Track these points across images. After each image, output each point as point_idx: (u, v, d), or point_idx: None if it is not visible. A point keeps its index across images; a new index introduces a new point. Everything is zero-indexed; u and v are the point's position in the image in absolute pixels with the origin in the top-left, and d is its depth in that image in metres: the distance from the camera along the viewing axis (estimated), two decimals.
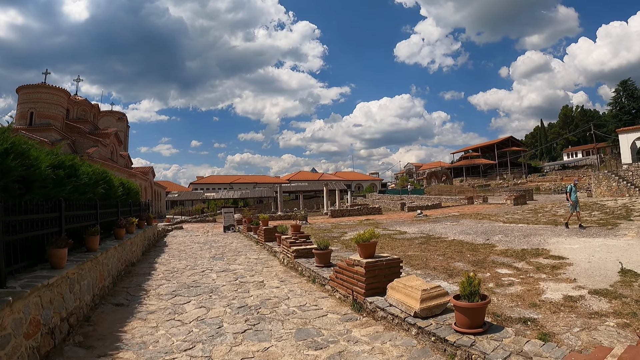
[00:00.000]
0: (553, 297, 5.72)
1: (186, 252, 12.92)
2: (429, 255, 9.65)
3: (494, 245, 10.72)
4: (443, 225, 17.18)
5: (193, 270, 9.42)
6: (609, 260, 8.16)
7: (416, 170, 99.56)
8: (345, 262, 6.02)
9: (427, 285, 4.68)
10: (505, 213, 21.99)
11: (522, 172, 76.20)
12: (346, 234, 15.61)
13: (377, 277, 5.46)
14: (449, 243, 11.64)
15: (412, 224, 19.22)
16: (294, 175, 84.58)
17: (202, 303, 6.40)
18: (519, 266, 7.97)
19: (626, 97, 61.37)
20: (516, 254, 9.32)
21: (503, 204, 29.68)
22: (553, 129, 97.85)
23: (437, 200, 36.30)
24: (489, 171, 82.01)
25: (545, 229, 14.01)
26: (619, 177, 27.67)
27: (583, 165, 70.95)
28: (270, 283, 7.82)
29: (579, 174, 61.43)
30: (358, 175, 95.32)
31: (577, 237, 11.57)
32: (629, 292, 5.79)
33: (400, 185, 76.08)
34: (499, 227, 15.14)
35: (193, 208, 54.23)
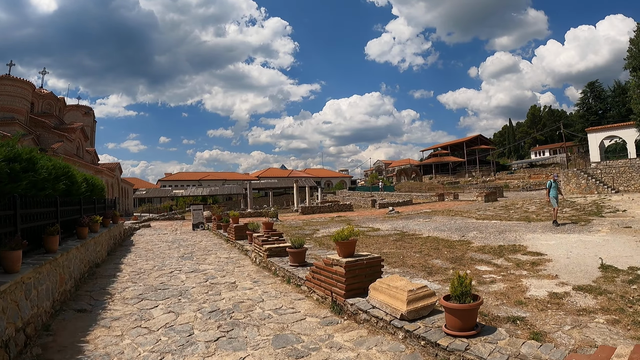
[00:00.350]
0: (538, 294, 5.66)
1: (154, 251, 12.65)
2: (406, 253, 9.54)
3: (470, 242, 10.77)
4: (416, 222, 17.22)
5: (161, 271, 9.02)
6: (588, 256, 8.28)
7: (385, 168, 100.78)
8: (323, 261, 5.75)
9: (412, 285, 4.44)
10: (477, 210, 22.34)
11: (490, 170, 78.58)
12: (318, 232, 15.51)
13: (358, 277, 5.21)
14: (424, 240, 11.62)
15: (385, 220, 19.26)
16: (263, 172, 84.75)
17: (171, 307, 6.00)
18: (498, 263, 7.95)
19: (593, 99, 64.69)
20: (494, 250, 9.36)
21: (474, 200, 30.24)
22: (521, 128, 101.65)
23: (407, 197, 36.62)
24: (457, 169, 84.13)
25: (519, 225, 14.21)
26: (587, 175, 28.73)
27: (550, 163, 73.79)
28: (242, 284, 7.48)
29: (547, 172, 63.87)
30: (327, 172, 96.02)
31: (552, 234, 11.76)
32: (613, 288, 5.81)
33: (370, 182, 76.94)
34: (472, 224, 15.27)
35: (161, 205, 53.44)
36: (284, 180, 67.16)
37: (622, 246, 9.21)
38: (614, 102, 60.01)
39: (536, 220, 15.28)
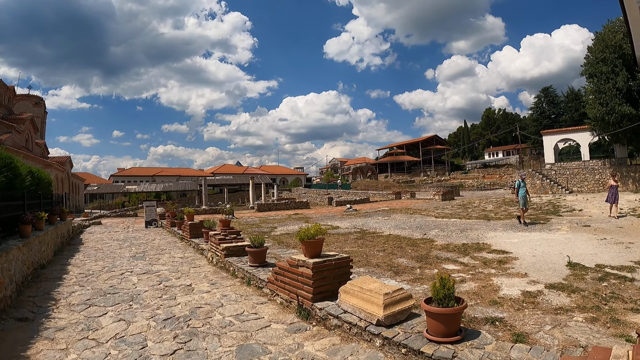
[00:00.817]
0: (511, 293, 5.58)
1: (104, 250, 11.96)
2: (369, 251, 9.35)
3: (433, 240, 10.76)
4: (375, 220, 17.21)
5: (111, 273, 8.39)
6: (553, 254, 8.42)
7: (341, 166, 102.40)
8: (287, 262, 5.38)
9: (387, 287, 4.15)
10: (435, 208, 22.71)
11: (445, 170, 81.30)
12: (276, 229, 15.24)
13: (326, 279, 4.90)
14: (386, 238, 11.51)
15: (343, 218, 19.19)
16: (219, 169, 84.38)
17: (122, 315, 5.44)
18: (465, 261, 7.91)
19: (547, 103, 69.51)
20: (458, 248, 9.34)
21: (431, 199, 30.82)
22: (476, 129, 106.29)
23: (364, 195, 36.84)
24: (412, 168, 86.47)
25: (479, 223, 14.43)
26: (542, 176, 30.16)
27: (504, 164, 77.10)
28: (199, 287, 6.96)
29: (500, 172, 66.57)
30: (283, 170, 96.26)
31: (513, 232, 11.98)
32: (585, 286, 5.87)
33: (326, 180, 77.78)
34: (432, 222, 15.39)
35: (113, 202, 51.89)
36: (240, 176, 67.19)
37: (584, 244, 9.49)
38: (566, 107, 64.57)
39: (495, 219, 15.61)
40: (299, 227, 15.11)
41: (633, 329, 4.14)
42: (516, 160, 74.25)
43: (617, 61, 25.62)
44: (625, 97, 25.23)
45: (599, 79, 26.23)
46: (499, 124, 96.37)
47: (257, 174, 56.06)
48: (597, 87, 26.27)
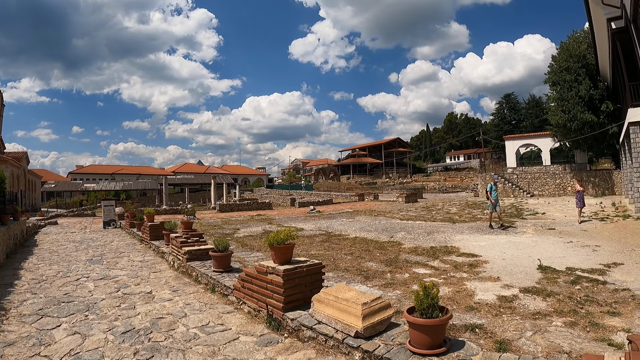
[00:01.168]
0: (487, 298, 5.52)
1: (59, 253, 11.31)
2: (336, 255, 9.16)
3: (401, 243, 10.72)
4: (340, 222, 17.11)
5: (66, 279, 7.78)
6: (522, 257, 8.53)
7: (303, 167, 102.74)
8: (255, 268, 5.04)
9: (365, 297, 3.91)
10: (399, 210, 22.88)
11: (407, 172, 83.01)
12: (239, 231, 14.96)
13: (298, 287, 4.62)
14: (352, 241, 11.39)
15: (307, 220, 19.06)
16: (180, 168, 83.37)
17: (77, 327, 4.93)
18: (435, 265, 7.85)
19: (508, 109, 73.29)
20: (426, 251, 9.31)
21: (394, 201, 31.11)
22: (438, 133, 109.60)
23: (327, 197, 36.83)
24: (375, 170, 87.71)
25: (445, 226, 14.55)
26: (505, 180, 30.90)
27: (465, 167, 79.32)
28: (160, 294, 6.48)
29: (461, 176, 68.34)
30: (245, 170, 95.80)
31: (480, 235, 12.13)
32: (559, 289, 5.90)
33: (288, 180, 78.04)
34: (398, 224, 15.42)
35: (71, 200, 49.91)
36: (201, 176, 66.80)
37: (552, 247, 9.70)
38: (527, 113, 68.10)
39: (460, 222, 15.81)
40: (263, 229, 15.22)
41: (613, 332, 4.17)
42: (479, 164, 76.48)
43: (581, 70, 26.81)
44: (587, 105, 26.43)
45: (562, 87, 27.39)
46: (461, 129, 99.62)
47: (219, 174, 55.29)
48: (560, 94, 27.42)
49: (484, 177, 32.48)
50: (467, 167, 79.38)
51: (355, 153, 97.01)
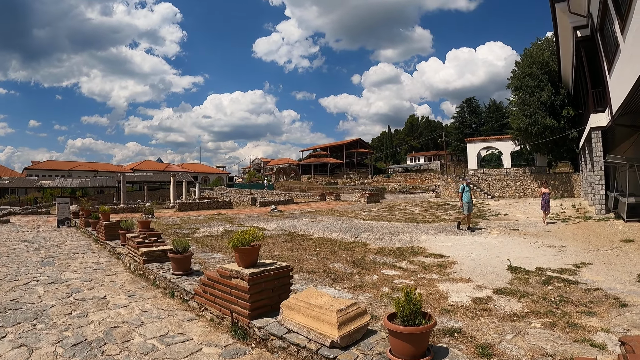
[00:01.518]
0: (461, 300, 5.43)
1: (8, 254, 10.60)
2: (301, 256, 8.91)
3: (366, 244, 10.59)
4: (302, 222, 16.89)
5: (14, 282, 7.11)
6: (491, 258, 8.57)
7: (264, 166, 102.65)
8: (218, 272, 4.65)
9: (339, 302, 3.65)
10: (361, 210, 22.87)
11: (368, 173, 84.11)
12: (199, 231, 14.52)
13: (265, 292, 4.28)
14: (316, 241, 11.17)
15: (269, 219, 18.76)
16: (139, 165, 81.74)
17: (23, 338, 4.40)
18: (404, 266, 7.74)
19: (469, 113, 75.87)
20: (393, 252, 9.22)
21: (356, 201, 31.17)
22: (399, 135, 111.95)
23: (289, 196, 36.54)
24: (336, 170, 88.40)
25: (409, 226, 14.59)
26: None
27: (425, 169, 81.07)
28: (115, 300, 5.95)
29: (422, 177, 69.60)
30: (205, 168, 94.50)
31: (446, 235, 12.19)
32: (531, 290, 5.91)
33: (249, 179, 77.73)
34: (362, 224, 15.35)
35: (26, 197, 47.73)
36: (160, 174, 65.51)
37: (518, 247, 9.84)
38: (487, 117, 70.74)
39: (424, 222, 15.90)
40: (224, 229, 14.84)
41: (592, 332, 4.18)
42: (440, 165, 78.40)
43: (543, 77, 27.98)
44: (548, 110, 27.61)
45: (525, 92, 28.53)
46: (422, 131, 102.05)
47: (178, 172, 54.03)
48: (523, 99, 28.58)
49: (445, 179, 33.19)
50: (428, 169, 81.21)
51: (317, 153, 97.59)
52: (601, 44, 13.98)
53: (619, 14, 10.52)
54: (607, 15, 12.20)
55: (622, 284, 6.27)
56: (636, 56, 9.29)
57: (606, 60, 13.79)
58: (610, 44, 12.88)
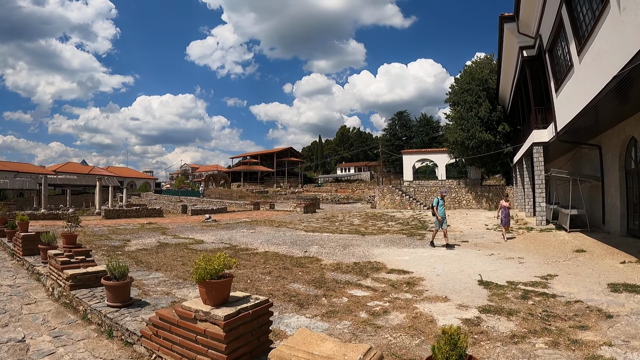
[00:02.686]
0: (450, 322, 5.03)
1: None
2: (252, 274, 8.15)
3: (319, 259, 10.04)
4: (241, 233, 16.10)
5: None
6: (455, 272, 8.48)
7: (192, 172, 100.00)
8: (177, 312, 3.57)
9: (351, 349, 2.77)
10: (299, 220, 22.42)
11: (298, 182, 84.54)
12: (130, 243, 13.13)
13: (243, 338, 3.33)
14: (264, 256, 10.48)
15: (204, 230, 17.77)
16: (62, 167, 75.47)
17: None
18: (370, 285, 7.27)
19: (400, 126, 79.08)
20: (352, 269, 8.75)
21: (292, 211, 30.73)
22: (329, 145, 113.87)
23: (221, 204, 35.42)
24: (265, 178, 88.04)
25: (356, 238, 14.31)
26: (402, 192, 32.28)
27: (355, 179, 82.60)
28: (38, 343, 4.54)
29: (352, 187, 70.54)
30: (131, 172, 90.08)
31: (397, 248, 12.08)
32: (515, 306, 5.76)
33: (177, 186, 75.27)
34: (305, 237, 14.87)
35: None
36: (85, 177, 61.60)
37: (477, 260, 9.89)
38: (418, 131, 73.60)
39: (369, 234, 15.71)
40: (157, 241, 13.61)
41: (596, 347, 4.17)
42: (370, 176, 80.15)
43: (482, 93, 29.37)
44: (485, 125, 29.01)
45: (463, 107, 29.84)
46: (353, 142, 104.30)
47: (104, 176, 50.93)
48: (461, 114, 29.84)
49: (381, 190, 33.54)
50: (358, 179, 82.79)
51: (247, 160, 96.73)
52: (549, 64, 14.62)
53: (577, 36, 10.93)
54: (561, 36, 12.73)
55: (597, 295, 6.36)
56: (592, 76, 9.63)
57: (554, 80, 14.47)
58: (560, 65, 13.51)
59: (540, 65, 16.45)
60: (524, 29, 16.53)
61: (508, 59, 20.90)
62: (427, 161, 39.88)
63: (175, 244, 12.76)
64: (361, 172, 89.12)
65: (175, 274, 8.14)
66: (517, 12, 15.94)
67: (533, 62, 17.06)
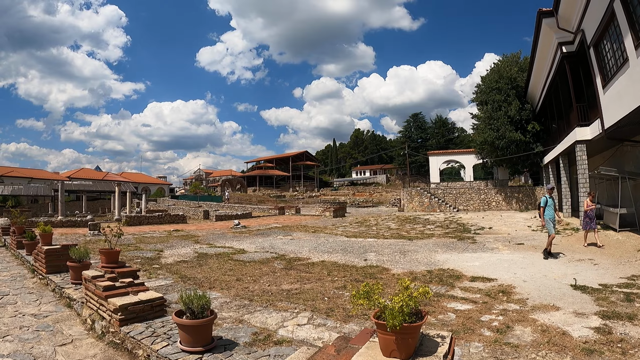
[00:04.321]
0: (586, 334, 4.88)
1: None
2: (323, 289, 7.49)
3: (387, 268, 9.49)
4: (280, 240, 15.64)
5: None
6: (538, 277, 8.23)
7: (206, 177, 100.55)
8: None
9: None
10: (333, 226, 22.13)
11: (314, 186, 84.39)
12: (163, 254, 12.13)
13: None
14: (322, 266, 9.83)
15: (238, 237, 17.05)
16: (76, 173, 76.11)
17: None
18: (463, 296, 6.86)
19: (415, 128, 79.24)
20: (430, 278, 8.33)
21: (320, 215, 30.49)
22: (343, 148, 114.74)
23: (243, 209, 35.30)
24: (281, 182, 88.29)
25: (406, 244, 14.02)
26: (431, 195, 31.92)
27: (372, 183, 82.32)
28: None
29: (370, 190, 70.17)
30: (145, 178, 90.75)
31: (458, 253, 11.83)
32: (629, 310, 5.67)
33: (193, 190, 75.49)
34: (352, 243, 14.44)
35: None
36: (100, 183, 62.24)
37: (549, 263, 9.74)
38: (433, 132, 72.82)
39: (416, 238, 15.49)
40: (194, 251, 12.76)
41: None
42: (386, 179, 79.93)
43: (511, 91, 29.05)
44: (515, 124, 28.65)
45: (492, 106, 29.48)
46: (367, 145, 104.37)
47: (122, 181, 51.08)
48: (490, 114, 29.48)
49: (409, 192, 33.29)
50: (374, 182, 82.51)
51: (262, 165, 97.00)
52: (595, 59, 14.31)
53: (634, 30, 10.66)
54: (610, 31, 12.45)
55: None
56: None
57: (600, 75, 14.15)
58: (609, 60, 13.19)
59: (580, 61, 16.18)
60: (563, 24, 16.27)
61: (542, 56, 20.61)
62: (452, 162, 39.64)
63: (216, 255, 11.85)
64: (376, 175, 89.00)
65: (235, 293, 7.11)
66: (556, 7, 15.72)
67: (572, 58, 16.78)
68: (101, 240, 14.75)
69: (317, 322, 5.47)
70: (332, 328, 5.22)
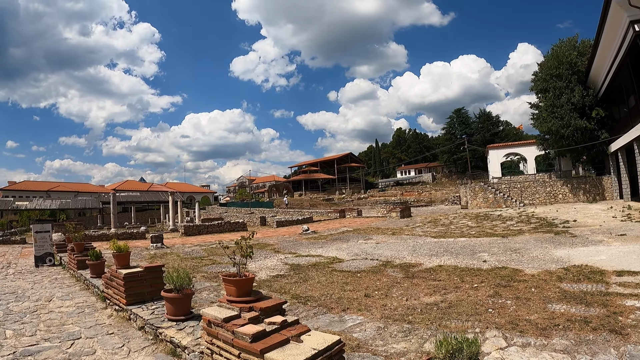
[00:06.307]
0: None
1: None
2: (470, 298, 6.53)
3: (518, 269, 8.54)
4: (368, 245, 14.59)
5: None
6: None
7: (249, 184, 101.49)
8: None
9: None
10: (407, 227, 21.53)
11: (360, 187, 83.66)
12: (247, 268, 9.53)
13: None
14: (448, 272, 8.86)
15: (317, 244, 16.05)
16: (121, 185, 79.48)
17: None
18: (632, 292, 6.14)
19: (459, 124, 77.25)
20: (576, 277, 7.49)
21: (384, 217, 30.00)
22: (386, 148, 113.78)
23: (300, 214, 35.24)
24: (326, 186, 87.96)
25: (503, 241, 13.18)
26: (495, 190, 30.81)
27: (418, 182, 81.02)
28: None
29: (417, 190, 69.06)
30: (189, 187, 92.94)
31: (570, 248, 10.94)
32: None
33: (239, 198, 76.61)
34: (446, 244, 13.58)
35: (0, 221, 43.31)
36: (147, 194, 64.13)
37: None
38: (478, 127, 70.75)
39: (508, 235, 14.72)
40: (281, 262, 11.34)
41: None
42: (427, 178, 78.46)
43: (572, 77, 27.54)
44: (578, 111, 27.10)
45: (554, 93, 27.94)
46: (410, 144, 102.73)
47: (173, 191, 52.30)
48: (552, 101, 27.96)
49: (473, 188, 32.15)
50: (420, 182, 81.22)
51: (306, 169, 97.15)
52: None
53: None
54: None
55: None
56: None
57: None
58: None
59: None
60: (636, 1, 15.22)
61: (609, 36, 19.39)
62: (512, 155, 38.30)
63: (311, 265, 10.50)
64: (422, 174, 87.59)
65: (380, 315, 5.73)
66: None
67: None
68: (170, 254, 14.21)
69: (520, 342, 4.46)
70: (541, 347, 4.31)
